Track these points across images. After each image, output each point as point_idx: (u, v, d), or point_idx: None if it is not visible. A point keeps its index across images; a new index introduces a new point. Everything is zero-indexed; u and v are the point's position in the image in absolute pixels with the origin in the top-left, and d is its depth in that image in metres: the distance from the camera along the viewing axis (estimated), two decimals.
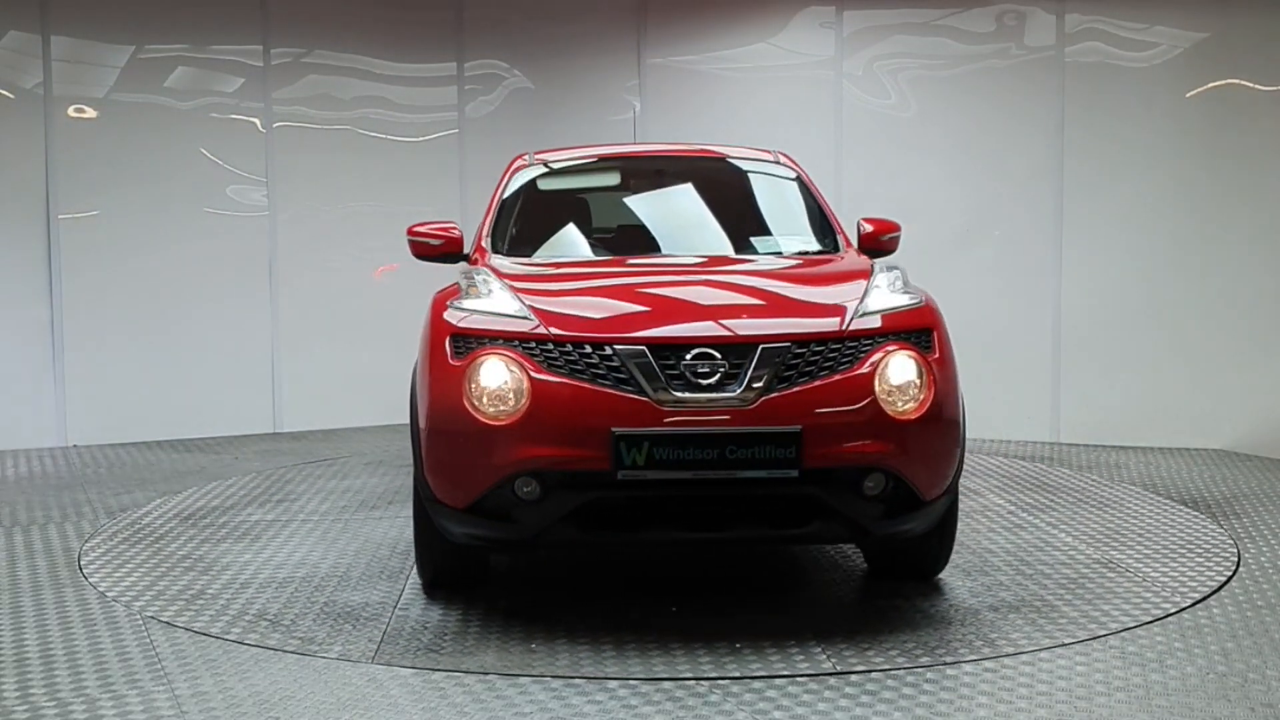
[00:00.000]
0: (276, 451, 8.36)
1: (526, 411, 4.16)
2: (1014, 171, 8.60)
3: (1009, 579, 5.01)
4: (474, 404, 4.22)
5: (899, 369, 4.28)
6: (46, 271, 8.53)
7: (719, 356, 4.18)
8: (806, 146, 8.16)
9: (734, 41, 9.37)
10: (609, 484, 4.11)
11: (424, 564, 4.88)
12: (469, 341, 4.36)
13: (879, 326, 4.38)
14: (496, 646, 4.21)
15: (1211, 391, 8.09)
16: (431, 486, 4.44)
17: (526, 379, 4.19)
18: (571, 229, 5.71)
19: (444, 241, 5.47)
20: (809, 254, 5.45)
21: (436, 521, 4.52)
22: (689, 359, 4.17)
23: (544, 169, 6.01)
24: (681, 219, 5.86)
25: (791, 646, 4.16)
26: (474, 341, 4.35)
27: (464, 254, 5.48)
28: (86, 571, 5.25)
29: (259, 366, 9.17)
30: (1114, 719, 3.54)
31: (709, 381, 4.15)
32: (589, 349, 4.22)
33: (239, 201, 9.10)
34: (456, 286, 4.80)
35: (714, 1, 9.43)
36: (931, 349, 4.43)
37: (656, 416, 4.11)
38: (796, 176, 5.95)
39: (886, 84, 8.93)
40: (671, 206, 5.98)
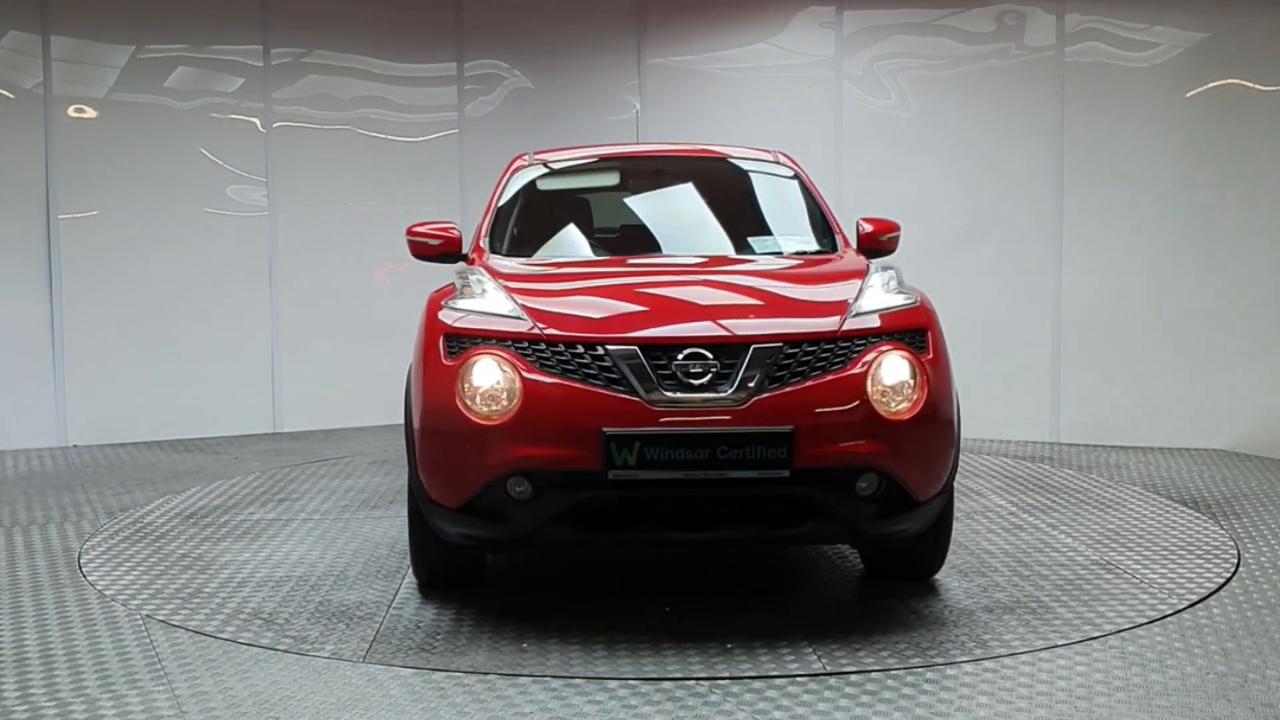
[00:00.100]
0: (277, 451, 8.36)
1: (518, 411, 4.16)
2: (1014, 171, 8.60)
3: (1005, 580, 5.01)
4: (466, 404, 4.23)
5: (892, 369, 4.28)
6: (46, 271, 8.53)
7: (711, 356, 4.17)
8: (806, 146, 8.16)
9: (734, 41, 9.37)
10: (600, 484, 4.11)
11: (419, 564, 4.88)
12: (462, 341, 4.36)
13: (872, 327, 4.38)
14: (488, 646, 4.21)
15: (1211, 391, 8.09)
16: (425, 486, 4.44)
17: (519, 379, 4.19)
18: (569, 229, 5.71)
19: (442, 241, 5.47)
20: (807, 254, 5.44)
21: (431, 521, 4.52)
22: (681, 359, 4.17)
23: (543, 169, 6.00)
24: (681, 219, 5.85)
25: (783, 647, 4.16)
26: (467, 341, 4.35)
27: (462, 254, 5.48)
28: (86, 571, 5.25)
29: (259, 366, 9.17)
30: (1114, 719, 3.54)
31: (701, 382, 4.15)
32: (581, 349, 4.22)
33: (239, 201, 9.10)
34: (452, 287, 4.81)
35: (714, 1, 9.44)
36: (925, 349, 4.42)
37: (648, 416, 4.10)
38: (796, 176, 5.94)
39: (886, 84, 8.93)
40: (671, 207, 5.98)
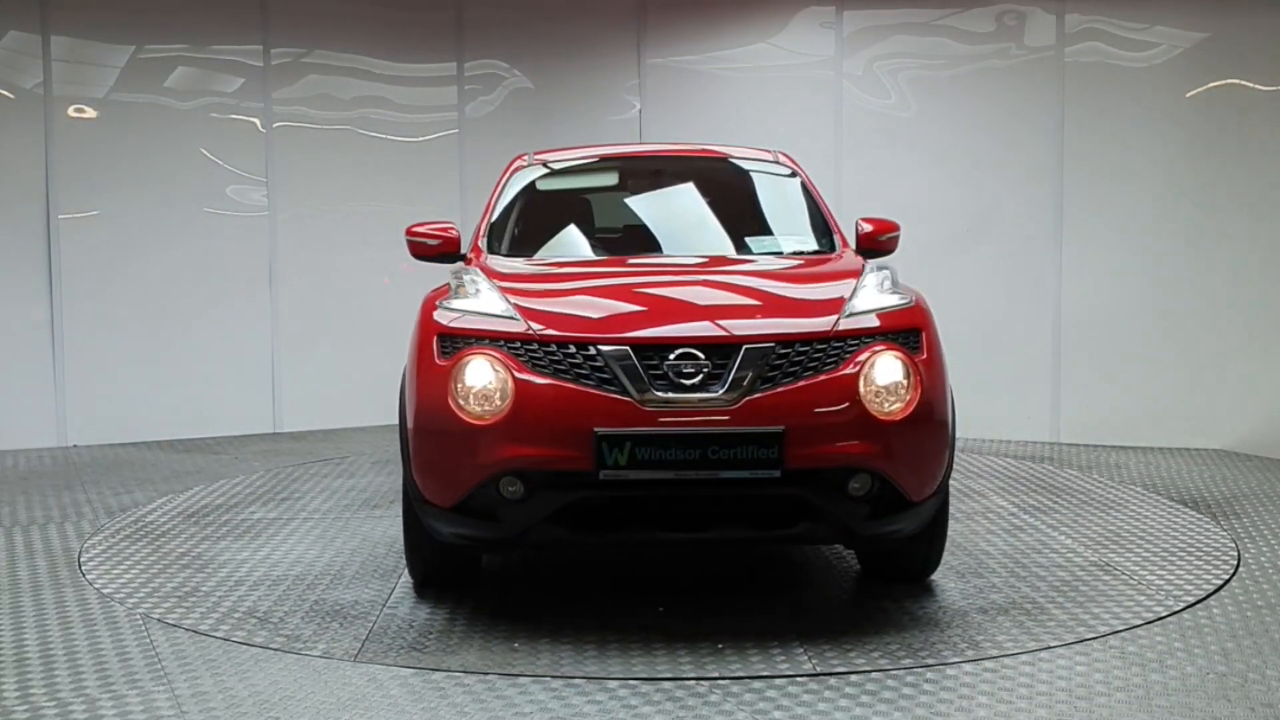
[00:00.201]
0: (277, 451, 8.36)
1: (510, 411, 4.16)
2: (1014, 171, 8.60)
3: (1002, 581, 5.00)
4: (459, 404, 4.23)
5: (885, 369, 4.27)
6: (46, 271, 8.53)
7: (702, 357, 4.17)
8: (806, 146, 8.16)
9: (734, 41, 9.38)
10: (592, 484, 4.11)
11: (414, 564, 4.88)
12: (456, 341, 4.36)
13: (866, 327, 4.37)
14: (480, 646, 4.21)
15: (1211, 391, 8.09)
16: (419, 486, 4.44)
17: (511, 379, 4.19)
18: (568, 229, 5.70)
19: (441, 241, 5.47)
20: (805, 254, 5.44)
21: (425, 521, 4.52)
22: (672, 359, 4.16)
23: (542, 169, 6.00)
24: (680, 219, 5.85)
25: (774, 647, 4.16)
26: (461, 341, 4.35)
27: (461, 254, 5.48)
28: (86, 571, 5.25)
29: (259, 367, 9.17)
30: (1114, 719, 3.54)
31: (692, 382, 4.14)
32: (573, 349, 4.22)
33: (239, 201, 9.10)
34: (447, 287, 4.81)
35: (714, 1, 9.44)
36: (920, 349, 4.41)
37: (639, 416, 4.10)
38: (796, 176, 5.93)
39: (886, 84, 8.93)
40: (670, 207, 5.97)
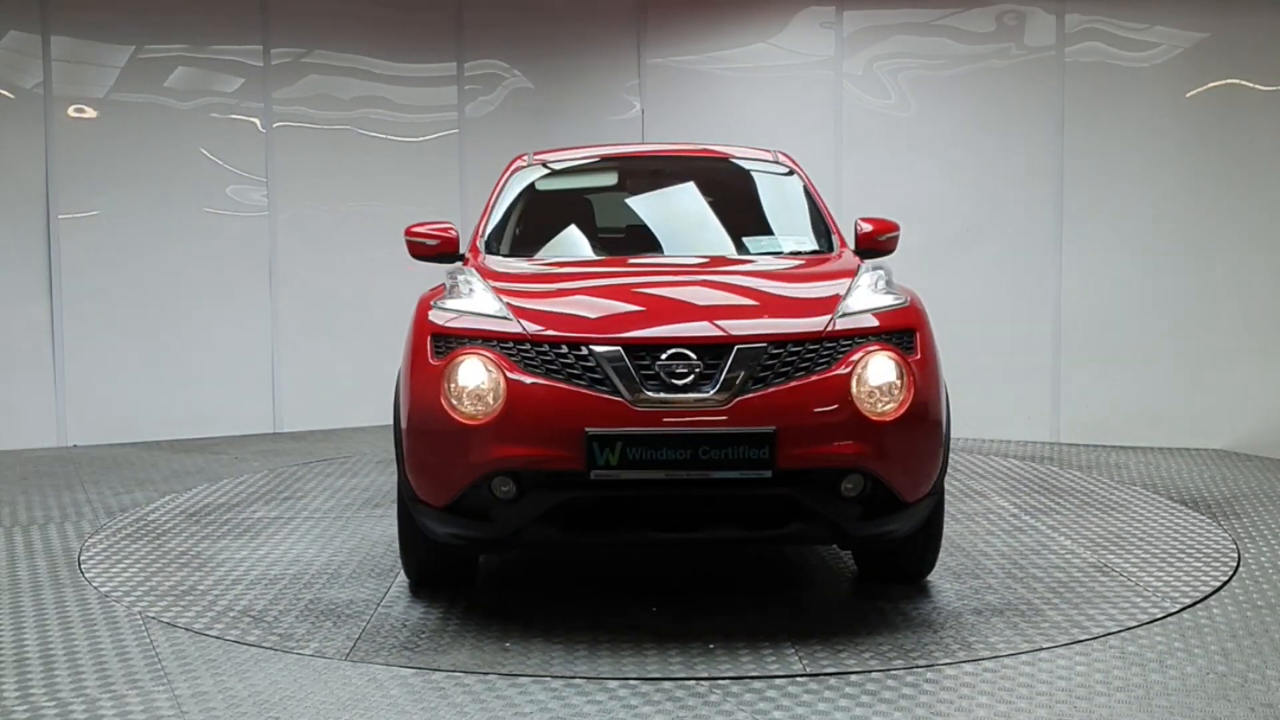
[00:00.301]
0: (277, 451, 8.36)
1: (502, 411, 4.17)
2: (1014, 171, 8.60)
3: (998, 582, 4.99)
4: (452, 403, 4.24)
5: (878, 370, 4.26)
6: (46, 271, 8.53)
7: (694, 357, 4.17)
8: (806, 146, 8.17)
9: (734, 41, 9.38)
10: (583, 484, 4.12)
11: (409, 564, 4.88)
12: (449, 341, 4.37)
13: (859, 327, 4.36)
14: (471, 645, 4.22)
15: (1211, 391, 8.09)
16: (413, 486, 4.45)
17: (503, 379, 4.20)
18: (567, 230, 5.69)
19: (440, 241, 5.46)
20: (804, 254, 5.43)
21: (419, 521, 4.53)
22: (664, 359, 4.17)
23: (542, 169, 5.99)
24: (679, 219, 5.84)
25: (765, 647, 4.15)
26: (454, 341, 4.35)
27: (459, 254, 5.48)
28: (86, 571, 5.25)
29: (259, 366, 9.17)
30: (1114, 719, 3.54)
31: (684, 382, 4.14)
32: (565, 349, 4.22)
33: (239, 201, 9.10)
34: (443, 287, 4.81)
35: (714, 1, 9.44)
36: (913, 349, 4.40)
37: (630, 417, 4.10)
38: (796, 176, 5.92)
39: (886, 84, 8.93)
40: (670, 207, 5.97)
